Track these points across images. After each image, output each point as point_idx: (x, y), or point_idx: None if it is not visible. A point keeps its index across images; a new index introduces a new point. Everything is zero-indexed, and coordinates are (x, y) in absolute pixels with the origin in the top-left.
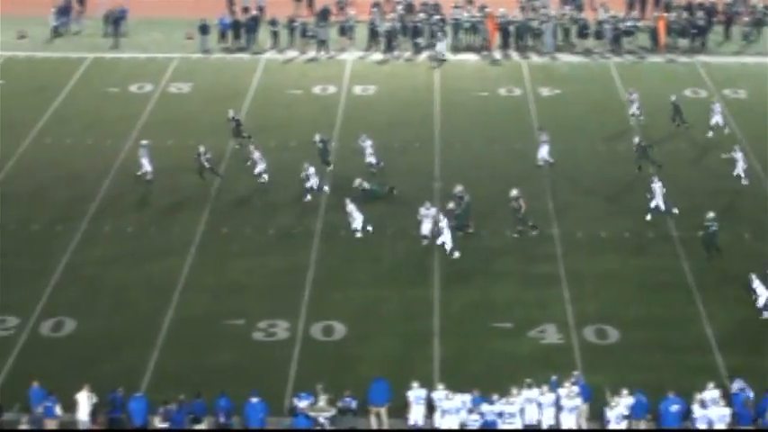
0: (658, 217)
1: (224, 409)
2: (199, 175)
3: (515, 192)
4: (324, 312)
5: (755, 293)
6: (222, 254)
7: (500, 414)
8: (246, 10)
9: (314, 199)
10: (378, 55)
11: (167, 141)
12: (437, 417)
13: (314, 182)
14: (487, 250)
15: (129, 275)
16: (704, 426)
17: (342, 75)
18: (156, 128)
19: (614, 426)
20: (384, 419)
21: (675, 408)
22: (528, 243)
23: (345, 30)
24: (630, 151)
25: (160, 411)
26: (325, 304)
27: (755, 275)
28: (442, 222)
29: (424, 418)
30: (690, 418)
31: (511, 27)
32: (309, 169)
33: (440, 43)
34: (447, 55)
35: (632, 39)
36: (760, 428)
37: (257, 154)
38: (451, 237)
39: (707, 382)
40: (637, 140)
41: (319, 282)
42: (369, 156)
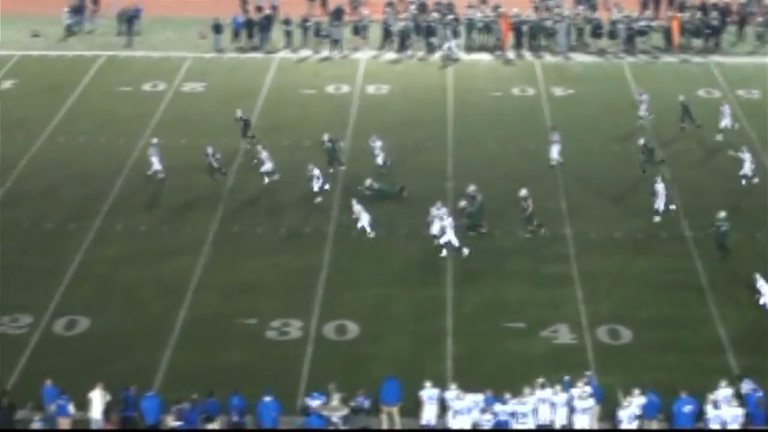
0: (670, 217)
1: (237, 408)
2: (210, 176)
3: (524, 191)
4: (336, 312)
5: (759, 293)
6: (234, 253)
7: (513, 414)
8: (260, 9)
9: (326, 199)
10: (391, 54)
11: (180, 140)
12: (449, 417)
13: (318, 183)
14: (500, 250)
15: (142, 274)
16: (717, 426)
17: (355, 74)
18: (169, 127)
19: (626, 426)
20: (396, 419)
21: (688, 408)
22: (541, 243)
23: (359, 29)
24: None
25: (173, 410)
26: (337, 304)
27: (760, 275)
28: (445, 221)
29: (437, 418)
30: (703, 419)
31: (524, 27)
32: (314, 170)
33: (447, 42)
34: (459, 54)
35: (646, 39)
36: None
37: (264, 153)
38: (455, 235)
39: (719, 382)
40: (642, 142)
41: (332, 281)
42: (377, 156)
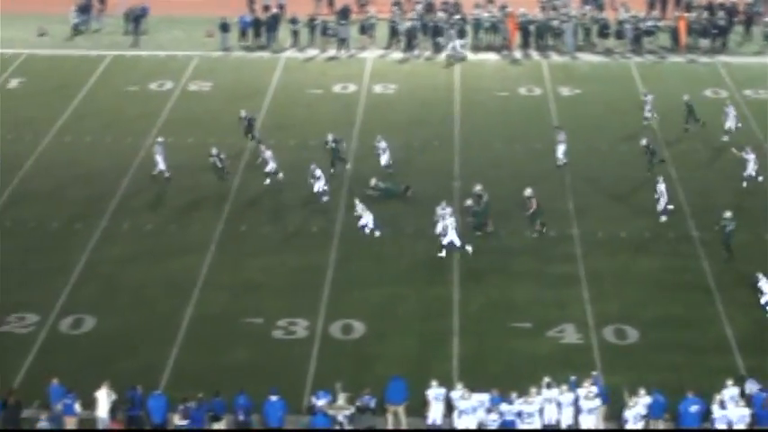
0: (677, 217)
1: (243, 407)
2: (216, 176)
3: (529, 191)
4: (343, 311)
5: (761, 292)
6: (241, 252)
7: (519, 414)
8: (267, 8)
9: (332, 198)
10: (398, 54)
11: (187, 139)
12: (455, 416)
13: (320, 184)
14: (506, 250)
15: (148, 273)
16: (724, 426)
17: (362, 73)
18: (176, 126)
19: (632, 426)
20: (402, 418)
21: (695, 408)
22: (547, 243)
23: (366, 28)
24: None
25: (180, 409)
26: (343, 303)
27: (762, 274)
28: (447, 221)
29: (443, 418)
30: (709, 419)
31: (531, 26)
32: (316, 171)
33: (451, 42)
34: (463, 54)
35: (653, 39)
36: None
37: (268, 153)
38: (457, 235)
39: (726, 382)
40: (644, 142)
41: (338, 280)
42: (380, 156)
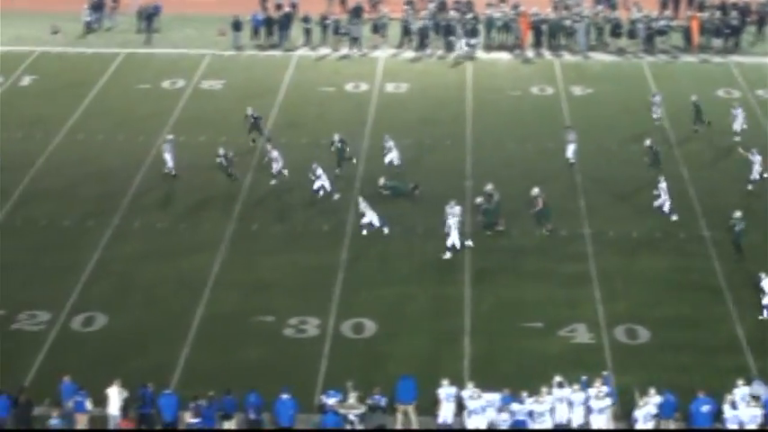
0: (689, 217)
1: (254, 406)
2: (226, 176)
3: (536, 190)
4: (354, 310)
5: (764, 292)
6: (252, 251)
7: (530, 413)
8: (279, 7)
9: (343, 197)
10: (410, 53)
11: (199, 138)
12: (465, 415)
13: (323, 183)
14: (518, 249)
15: (160, 272)
16: (735, 426)
17: (374, 72)
18: (188, 124)
19: (642, 425)
20: (412, 417)
21: (706, 408)
22: (558, 242)
23: (378, 27)
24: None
25: (191, 407)
26: (355, 302)
27: (765, 274)
28: (451, 221)
29: (454, 417)
30: (720, 419)
31: (544, 26)
32: (318, 170)
33: (459, 41)
34: (469, 52)
35: (665, 38)
36: None
37: (275, 153)
38: (459, 235)
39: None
40: (648, 143)
41: (349, 279)
42: (387, 157)
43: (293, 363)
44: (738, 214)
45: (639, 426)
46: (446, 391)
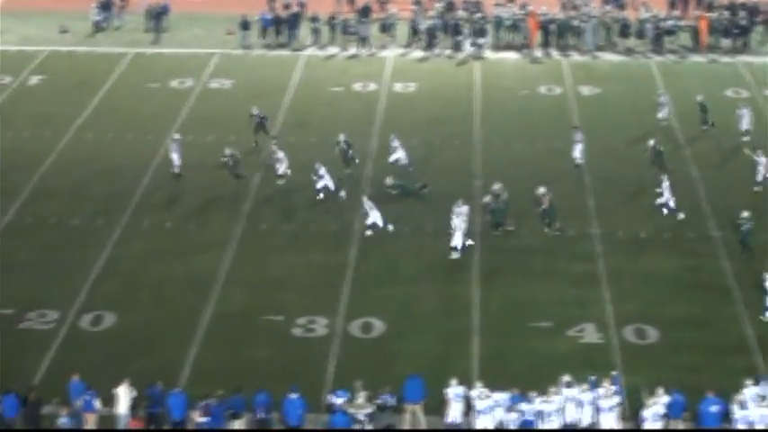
0: (697, 217)
1: (262, 405)
2: (235, 177)
3: (542, 189)
4: (362, 309)
5: (767, 292)
6: (261, 250)
7: (539, 413)
8: (288, 6)
9: (351, 197)
10: (418, 52)
11: (207, 137)
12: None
13: (326, 183)
14: (526, 248)
15: (169, 270)
16: (744, 426)
17: (382, 72)
18: (196, 124)
19: (650, 425)
20: (420, 417)
21: (715, 408)
22: (567, 242)
23: (386, 27)
24: (670, 151)
25: (200, 406)
26: (363, 301)
27: None
28: (455, 221)
29: (463, 416)
30: (730, 420)
31: (552, 25)
32: (320, 170)
33: (466, 40)
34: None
35: (674, 38)
36: None
37: (281, 154)
38: (462, 235)
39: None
40: (651, 143)
41: (358, 279)
42: (392, 156)
43: (302, 362)
44: (746, 214)
45: (648, 425)
46: (454, 391)
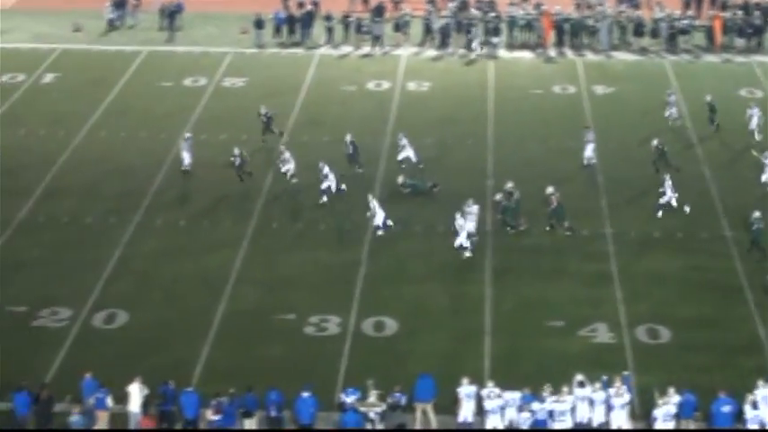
0: (709, 216)
1: (275, 403)
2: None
3: (550, 189)
4: (375, 308)
5: None
6: (273, 248)
7: (551, 412)
8: (301, 5)
9: (360, 195)
10: (432, 51)
11: (220, 136)
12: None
13: (330, 184)
14: (539, 248)
15: (181, 269)
16: (756, 426)
17: (396, 71)
18: (210, 122)
19: (662, 425)
20: (431, 416)
21: (727, 408)
22: (580, 241)
23: (400, 26)
24: (682, 151)
25: (213, 404)
26: (376, 300)
27: None
28: (459, 221)
29: (474, 416)
30: (741, 420)
31: (566, 25)
32: (324, 169)
33: (475, 40)
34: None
35: (688, 38)
36: None
37: (287, 154)
38: (466, 237)
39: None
40: (655, 143)
41: (371, 278)
42: (401, 154)
43: (314, 361)
44: (757, 214)
45: (659, 425)
46: (466, 390)
